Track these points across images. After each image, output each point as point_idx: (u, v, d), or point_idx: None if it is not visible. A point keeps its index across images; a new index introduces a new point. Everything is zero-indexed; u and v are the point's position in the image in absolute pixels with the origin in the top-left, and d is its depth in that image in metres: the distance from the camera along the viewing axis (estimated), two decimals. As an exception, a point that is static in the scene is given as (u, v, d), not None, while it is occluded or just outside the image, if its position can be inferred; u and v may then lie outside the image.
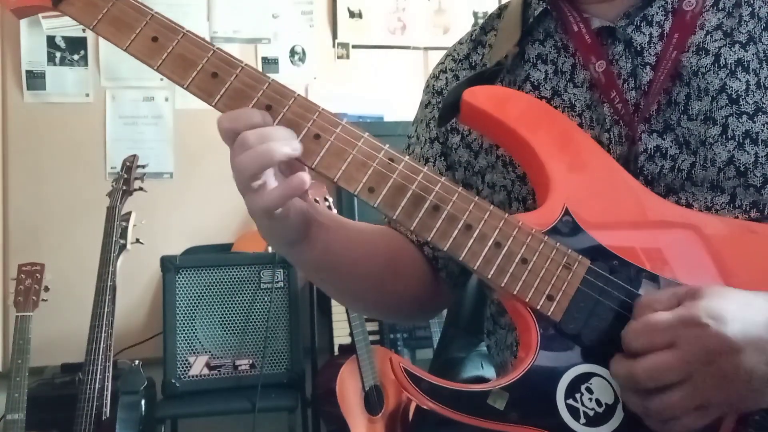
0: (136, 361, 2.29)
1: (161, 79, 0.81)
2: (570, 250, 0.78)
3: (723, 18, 0.86)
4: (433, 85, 1.05)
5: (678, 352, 0.68)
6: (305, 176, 0.76)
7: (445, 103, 0.90)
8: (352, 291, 0.99)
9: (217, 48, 0.80)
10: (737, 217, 0.81)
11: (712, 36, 0.85)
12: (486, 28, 1.03)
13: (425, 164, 1.00)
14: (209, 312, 2.43)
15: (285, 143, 0.75)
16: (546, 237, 0.78)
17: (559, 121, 0.86)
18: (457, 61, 1.04)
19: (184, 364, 2.37)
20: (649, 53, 0.87)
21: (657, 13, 0.88)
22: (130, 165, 2.33)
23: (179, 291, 2.41)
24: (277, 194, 0.77)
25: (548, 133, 0.84)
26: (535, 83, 0.93)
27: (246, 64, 0.80)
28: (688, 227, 0.80)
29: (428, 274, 1.00)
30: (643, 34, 0.87)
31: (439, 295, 1.03)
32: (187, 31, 0.80)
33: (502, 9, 1.03)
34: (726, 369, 0.68)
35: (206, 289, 2.44)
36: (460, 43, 1.06)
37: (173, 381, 2.34)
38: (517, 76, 0.94)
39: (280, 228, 0.82)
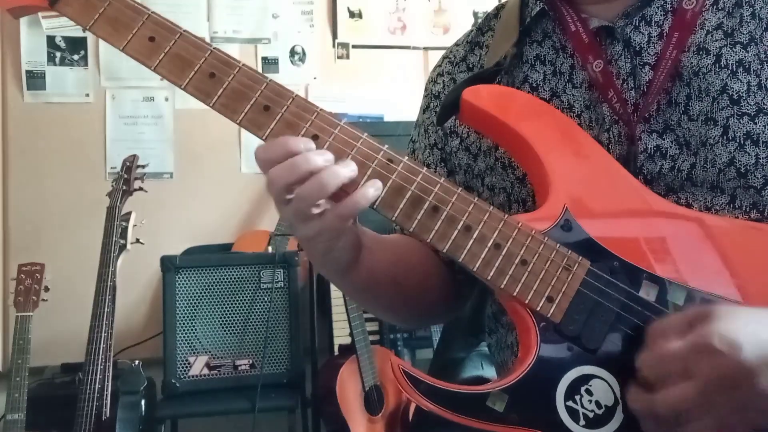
0: (136, 361, 2.29)
1: (161, 79, 0.80)
2: (570, 251, 0.77)
3: (723, 18, 0.85)
4: (431, 89, 1.05)
5: (695, 382, 0.67)
6: (369, 190, 0.76)
7: (444, 103, 0.90)
8: (391, 307, 1.01)
9: (215, 48, 0.79)
10: (737, 218, 0.81)
11: (712, 36, 0.85)
12: (483, 29, 1.03)
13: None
14: (209, 312, 2.43)
15: (344, 166, 0.75)
16: (546, 238, 0.78)
17: (559, 120, 0.86)
18: (454, 63, 1.03)
19: (184, 364, 2.37)
20: (648, 53, 0.86)
21: (656, 13, 0.87)
22: (130, 165, 2.34)
23: (179, 291, 2.41)
24: (348, 208, 0.76)
25: (548, 133, 0.84)
26: (534, 84, 0.92)
27: (244, 64, 0.79)
28: (689, 227, 0.80)
29: (448, 278, 1.00)
30: (642, 33, 0.87)
31: (460, 296, 1.04)
32: (185, 30, 0.79)
33: (499, 9, 1.03)
34: (745, 394, 0.67)
35: (206, 289, 2.44)
36: (456, 44, 1.06)
37: (173, 381, 2.34)
38: (516, 77, 0.94)
39: (337, 251, 0.82)
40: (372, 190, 0.76)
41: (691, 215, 0.81)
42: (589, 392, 0.74)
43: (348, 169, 0.75)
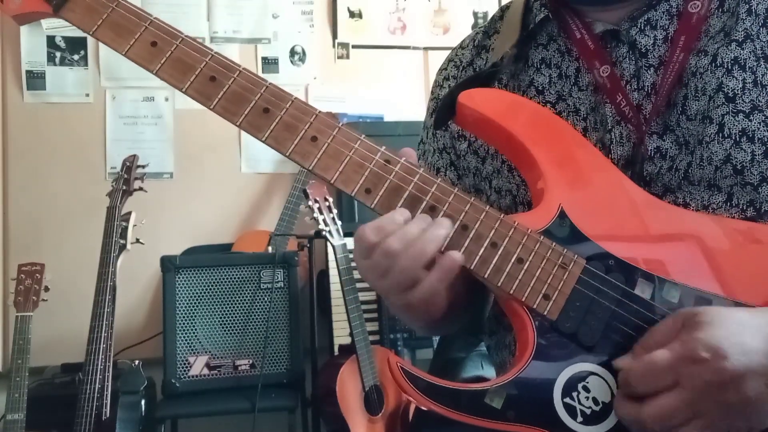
0: (136, 361, 2.30)
1: (161, 79, 0.82)
2: (565, 250, 0.78)
3: (726, 19, 0.86)
4: (438, 93, 1.05)
5: (682, 392, 0.68)
6: (455, 255, 0.76)
7: (441, 105, 0.91)
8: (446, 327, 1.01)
9: (216, 52, 0.81)
10: (734, 216, 0.82)
11: (714, 39, 0.85)
12: (489, 32, 1.03)
13: (437, 174, 1.01)
14: (209, 312, 2.43)
15: (433, 235, 0.76)
16: (542, 237, 0.78)
17: (553, 122, 0.86)
18: (460, 67, 1.04)
19: (184, 364, 2.38)
20: (654, 55, 0.86)
21: (662, 17, 0.88)
22: (130, 165, 2.34)
23: (179, 291, 2.42)
24: (435, 279, 0.76)
25: (543, 135, 0.84)
26: (540, 87, 0.93)
27: (244, 68, 0.80)
28: (685, 227, 0.81)
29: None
30: (648, 36, 0.87)
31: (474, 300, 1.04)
32: (186, 36, 0.81)
33: (504, 10, 1.03)
34: (731, 400, 0.68)
35: (206, 289, 2.44)
36: (462, 47, 1.06)
37: (173, 381, 2.34)
38: (522, 81, 0.94)
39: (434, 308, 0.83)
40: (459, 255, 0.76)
41: (685, 215, 0.82)
42: (586, 389, 0.75)
43: (444, 229, 0.76)
